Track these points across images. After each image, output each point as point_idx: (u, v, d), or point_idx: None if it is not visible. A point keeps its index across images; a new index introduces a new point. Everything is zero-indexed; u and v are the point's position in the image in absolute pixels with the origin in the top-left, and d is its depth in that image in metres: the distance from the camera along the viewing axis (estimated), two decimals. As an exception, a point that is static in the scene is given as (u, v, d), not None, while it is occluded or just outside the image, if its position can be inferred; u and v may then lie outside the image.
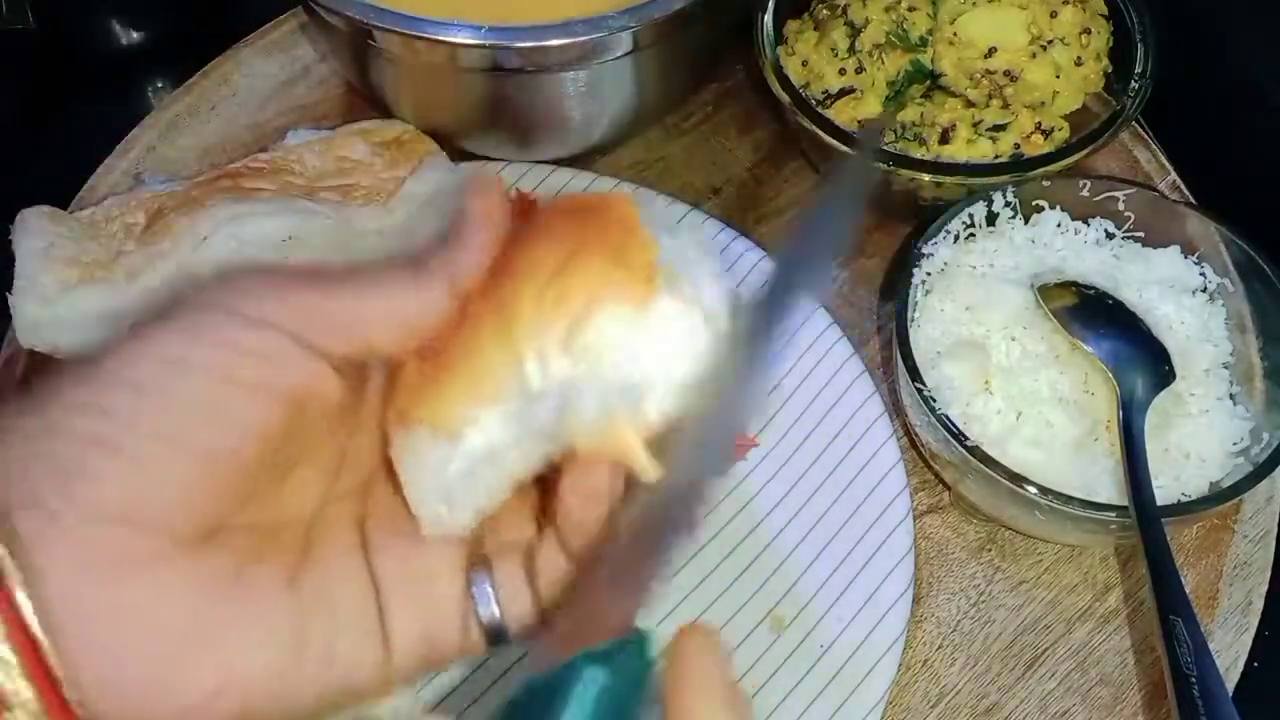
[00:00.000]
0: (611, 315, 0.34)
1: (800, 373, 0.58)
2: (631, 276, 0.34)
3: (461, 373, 0.35)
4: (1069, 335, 0.54)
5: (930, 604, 0.56)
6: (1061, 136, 0.61)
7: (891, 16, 0.62)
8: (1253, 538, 0.57)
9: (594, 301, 0.34)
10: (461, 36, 0.56)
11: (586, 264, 0.34)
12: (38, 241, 0.57)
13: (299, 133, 0.63)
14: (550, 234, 0.36)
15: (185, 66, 0.72)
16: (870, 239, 0.66)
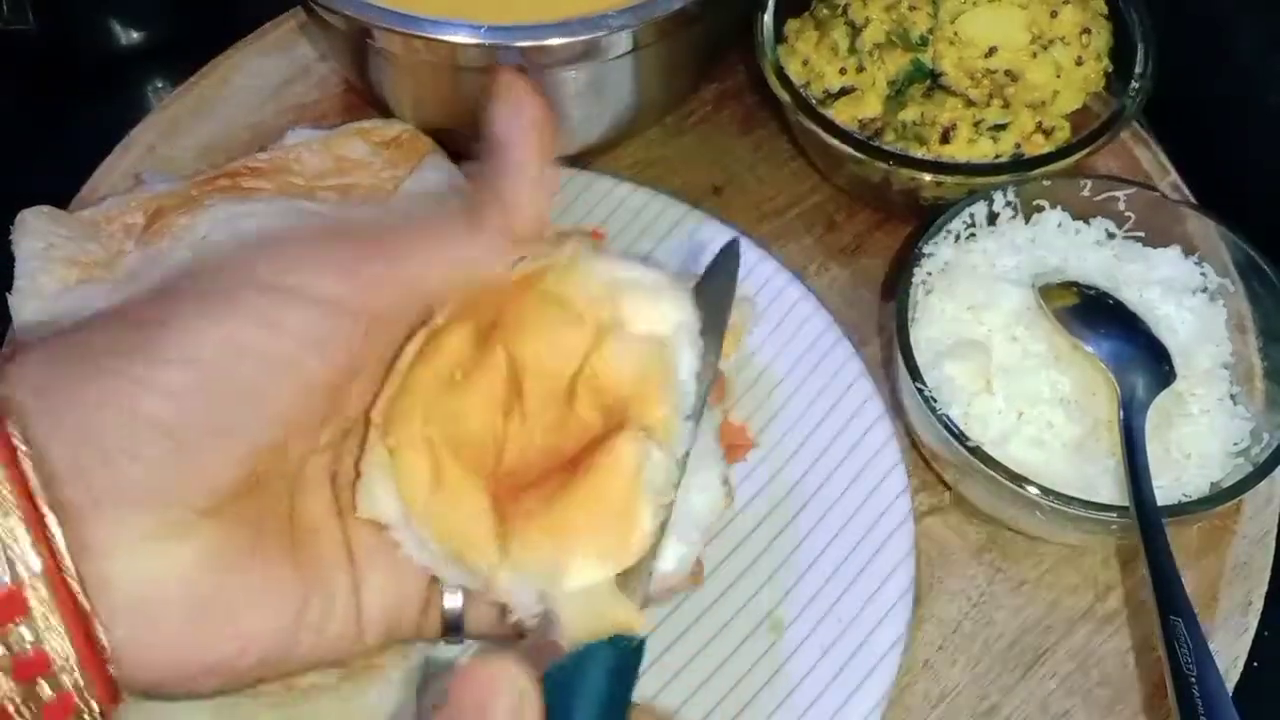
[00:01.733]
0: (600, 569, 0.36)
1: (801, 373, 0.58)
2: (624, 537, 0.36)
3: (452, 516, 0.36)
4: (1070, 335, 0.54)
5: (931, 605, 0.56)
6: (1062, 136, 0.61)
7: (892, 16, 0.62)
8: (1253, 538, 0.57)
9: (585, 552, 0.36)
10: (461, 35, 0.56)
11: (580, 513, 0.36)
12: (38, 241, 0.57)
13: (298, 132, 0.63)
14: (560, 446, 0.37)
15: (185, 66, 0.72)
16: (871, 239, 0.66)
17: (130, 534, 0.31)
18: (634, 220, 0.63)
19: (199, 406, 0.31)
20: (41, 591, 0.29)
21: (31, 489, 0.29)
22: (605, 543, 0.36)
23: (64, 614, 0.30)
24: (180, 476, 0.31)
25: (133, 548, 0.31)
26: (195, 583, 0.32)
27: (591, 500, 0.36)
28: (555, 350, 0.37)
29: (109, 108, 0.75)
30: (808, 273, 0.64)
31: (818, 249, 0.66)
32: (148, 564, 0.31)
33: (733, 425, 0.57)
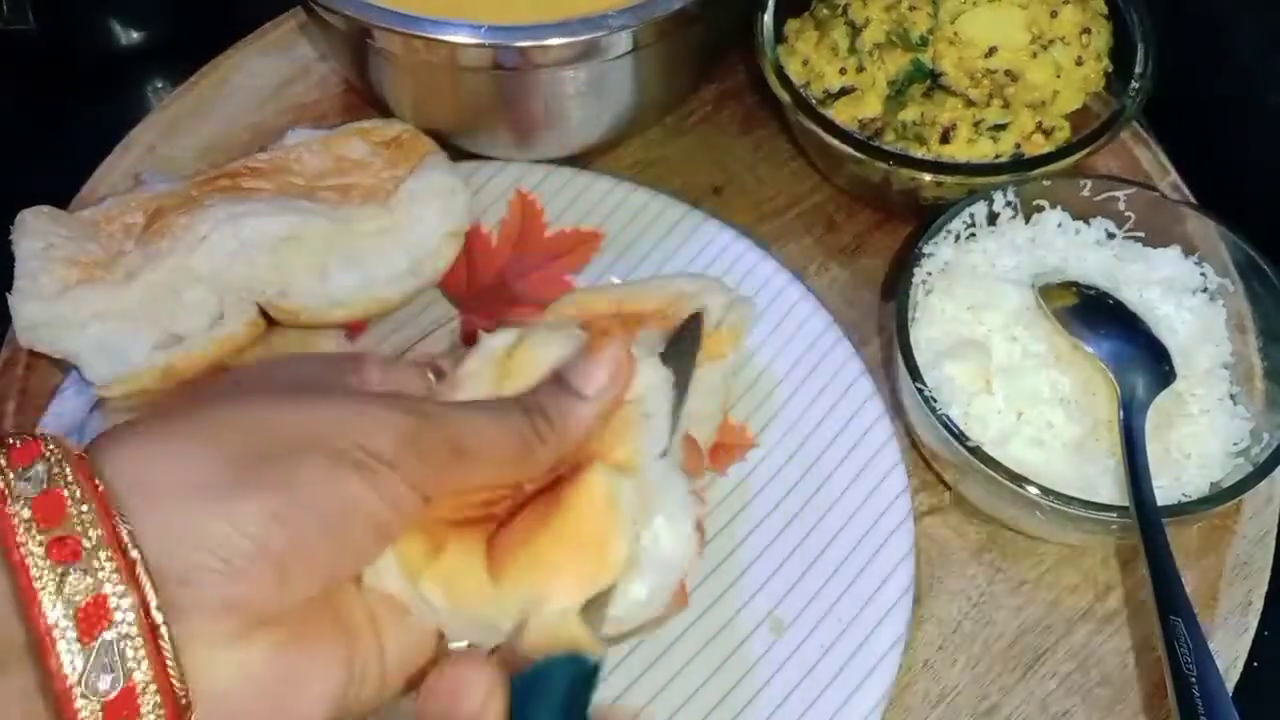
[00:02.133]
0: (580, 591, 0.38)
1: (801, 373, 0.58)
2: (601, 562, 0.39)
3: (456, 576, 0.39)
4: (1070, 335, 0.54)
5: (931, 605, 0.56)
6: (1062, 136, 0.61)
7: (892, 16, 0.62)
8: (1253, 538, 0.57)
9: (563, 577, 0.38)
10: (461, 35, 0.56)
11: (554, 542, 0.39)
12: (38, 241, 0.57)
13: (298, 132, 0.63)
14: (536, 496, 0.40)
15: (185, 66, 0.72)
16: (871, 239, 0.66)
17: (214, 635, 0.33)
18: (634, 220, 0.63)
19: (310, 546, 0.35)
20: (150, 696, 0.31)
21: (147, 600, 0.32)
22: (583, 569, 0.38)
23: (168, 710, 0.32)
24: (272, 596, 0.34)
25: (214, 646, 0.33)
26: (268, 674, 0.35)
27: (569, 531, 0.38)
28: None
29: (109, 108, 0.75)
30: (808, 273, 0.64)
31: (818, 249, 0.66)
32: (227, 661, 0.34)
33: (733, 425, 0.57)
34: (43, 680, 0.31)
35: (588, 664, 0.38)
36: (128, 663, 0.31)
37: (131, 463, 0.34)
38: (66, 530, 0.31)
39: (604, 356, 0.42)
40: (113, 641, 0.31)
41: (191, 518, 0.33)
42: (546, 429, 0.40)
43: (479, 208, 0.63)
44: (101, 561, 0.31)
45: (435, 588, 0.39)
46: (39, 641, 0.31)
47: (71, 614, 0.31)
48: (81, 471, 0.33)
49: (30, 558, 0.31)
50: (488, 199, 0.64)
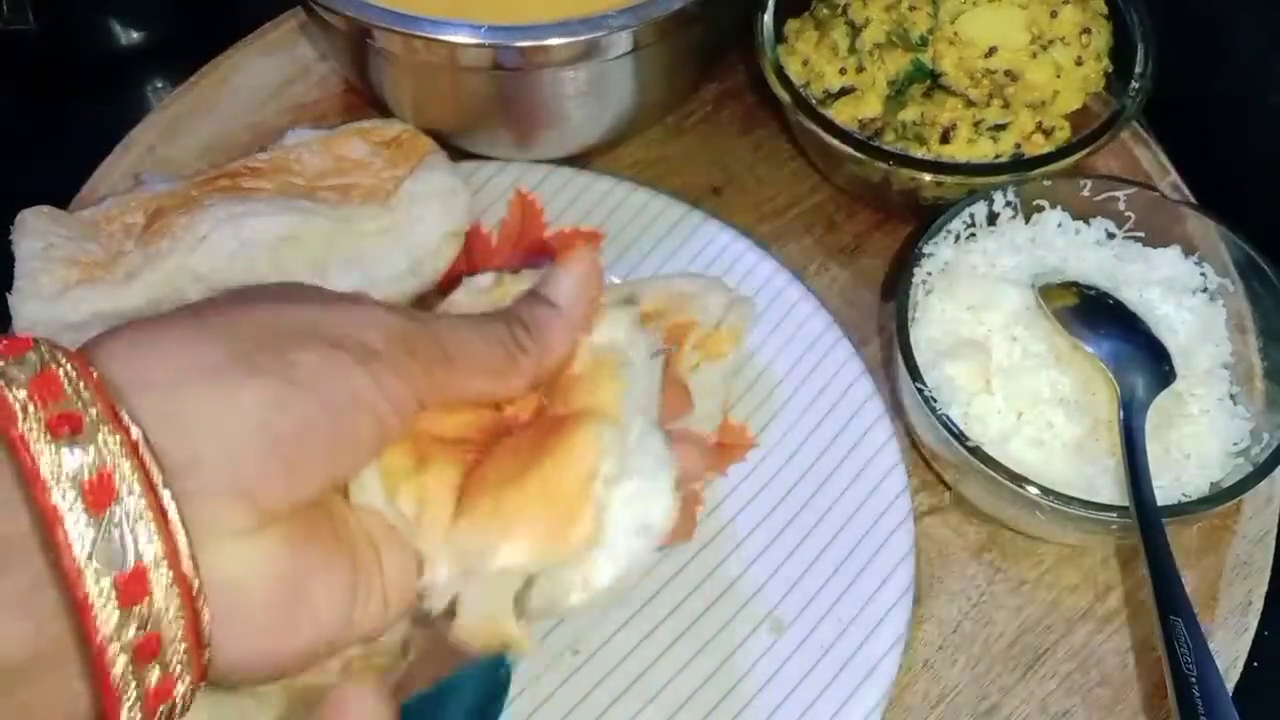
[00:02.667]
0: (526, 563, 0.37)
1: (801, 373, 0.58)
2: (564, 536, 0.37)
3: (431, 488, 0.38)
4: (1070, 335, 0.54)
5: (931, 605, 0.56)
6: (1062, 136, 0.61)
7: (892, 16, 0.62)
8: (1253, 538, 0.57)
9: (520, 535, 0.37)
10: (461, 35, 0.56)
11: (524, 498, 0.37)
12: (37, 241, 0.57)
13: (298, 132, 0.63)
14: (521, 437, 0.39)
15: (185, 66, 0.72)
16: (871, 239, 0.66)
17: (224, 526, 0.32)
18: (634, 220, 0.63)
19: (315, 434, 0.34)
20: (163, 575, 0.30)
21: (152, 478, 0.30)
22: (542, 531, 0.37)
23: (181, 600, 0.31)
24: (280, 487, 0.33)
25: (225, 538, 0.32)
26: (277, 571, 0.34)
27: (540, 485, 0.37)
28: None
29: (109, 108, 0.75)
30: (808, 273, 0.64)
31: (818, 249, 0.66)
32: (236, 554, 0.33)
33: (733, 425, 0.57)
34: (51, 567, 0.29)
35: (498, 676, 0.37)
36: (139, 540, 0.30)
37: (127, 352, 0.33)
38: (66, 406, 0.30)
39: (571, 264, 0.43)
40: (121, 518, 0.29)
41: (192, 402, 0.32)
42: (525, 337, 0.40)
43: (479, 208, 0.63)
44: (105, 436, 0.30)
45: (409, 503, 0.37)
46: (45, 520, 0.29)
47: (77, 489, 0.29)
48: (77, 359, 0.31)
49: (30, 434, 0.29)
50: (488, 199, 0.64)
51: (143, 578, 0.30)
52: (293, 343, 0.35)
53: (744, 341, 0.57)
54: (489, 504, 0.37)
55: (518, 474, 0.38)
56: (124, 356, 0.33)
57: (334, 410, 0.34)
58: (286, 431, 0.33)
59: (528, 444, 0.39)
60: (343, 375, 0.35)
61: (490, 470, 0.38)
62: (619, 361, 0.42)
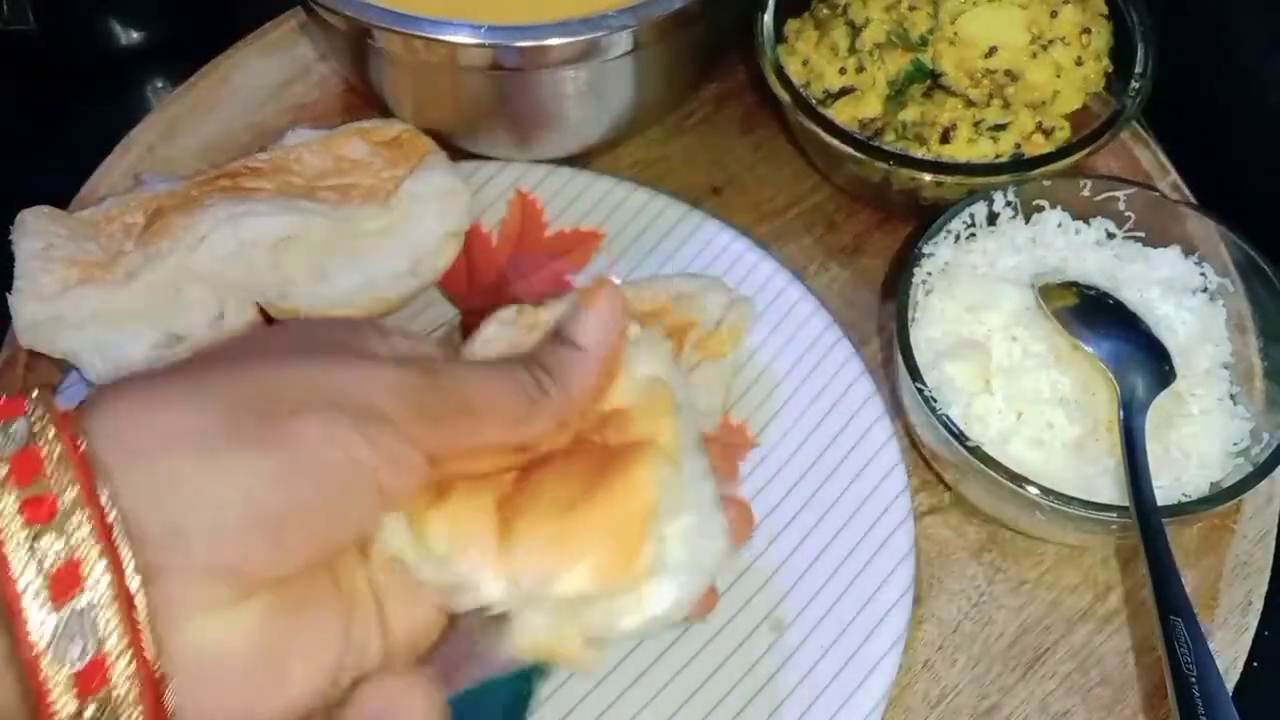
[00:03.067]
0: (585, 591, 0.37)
1: (801, 373, 0.58)
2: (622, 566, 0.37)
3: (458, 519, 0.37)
4: (1070, 335, 0.54)
5: (931, 604, 0.56)
6: (1062, 136, 0.61)
7: (892, 16, 0.62)
8: (1253, 538, 0.57)
9: (584, 563, 0.36)
10: (461, 35, 0.56)
11: (585, 526, 0.37)
12: (37, 241, 0.57)
13: (298, 132, 0.63)
14: (573, 464, 0.39)
15: (185, 66, 0.72)
16: (871, 239, 0.66)
17: (203, 600, 0.32)
18: (634, 220, 0.63)
19: (307, 507, 0.33)
20: (123, 664, 0.30)
21: (122, 565, 0.30)
22: (605, 560, 0.37)
23: (140, 685, 0.30)
24: (264, 562, 0.33)
25: (200, 613, 0.32)
26: (255, 644, 0.33)
27: (605, 514, 0.37)
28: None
29: (109, 108, 0.75)
30: (808, 273, 0.64)
31: (818, 249, 0.66)
32: (212, 628, 0.32)
33: (733, 425, 0.57)
34: (13, 648, 0.29)
35: (525, 687, 0.37)
36: (99, 631, 0.30)
37: (119, 418, 0.32)
38: (42, 489, 0.30)
39: (596, 304, 0.41)
40: (84, 608, 0.29)
41: (180, 474, 0.32)
42: (548, 382, 0.39)
43: (479, 208, 0.63)
44: (77, 523, 0.30)
45: (440, 538, 0.37)
46: (8, 606, 0.29)
47: (44, 577, 0.29)
48: (64, 429, 0.31)
49: (3, 517, 0.29)
50: (488, 199, 0.64)
51: (101, 667, 0.30)
52: (290, 409, 0.33)
53: (744, 341, 0.58)
54: (550, 530, 0.37)
55: (578, 501, 0.37)
56: (116, 421, 0.32)
57: (329, 484, 0.33)
58: (275, 508, 0.32)
59: (584, 470, 0.38)
60: (341, 447, 0.34)
61: (545, 496, 0.37)
62: (671, 396, 0.41)
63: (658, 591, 0.38)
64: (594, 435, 0.40)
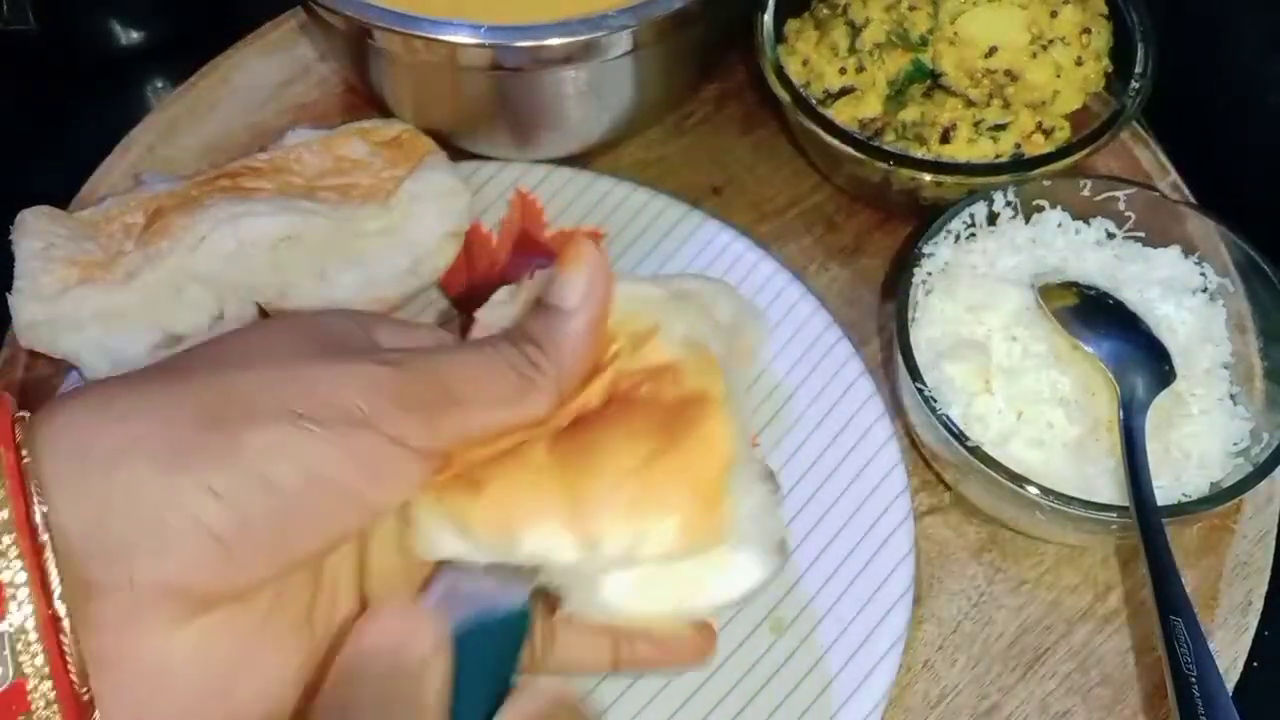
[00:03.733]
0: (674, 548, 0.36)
1: (801, 373, 0.58)
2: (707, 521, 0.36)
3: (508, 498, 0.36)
4: (1070, 335, 0.54)
5: (931, 604, 0.56)
6: (1062, 136, 0.61)
7: (892, 16, 0.62)
8: (1253, 538, 0.57)
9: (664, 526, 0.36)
10: (461, 35, 0.56)
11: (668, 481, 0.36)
12: (37, 242, 0.57)
13: (298, 132, 0.63)
14: (635, 420, 0.37)
15: (185, 66, 0.72)
16: (870, 239, 0.66)
17: (150, 616, 0.31)
18: (634, 220, 0.63)
19: (259, 523, 0.32)
20: (45, 689, 0.30)
21: (50, 589, 0.30)
22: (689, 515, 0.36)
23: (63, 707, 0.30)
24: (218, 578, 0.32)
25: (148, 628, 0.31)
26: (209, 658, 0.32)
27: (683, 470, 0.36)
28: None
29: (109, 108, 0.75)
30: (808, 273, 0.64)
31: (818, 249, 0.66)
32: (159, 644, 0.31)
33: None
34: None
35: (524, 616, 0.36)
36: (19, 656, 0.29)
37: (72, 429, 0.32)
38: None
39: (574, 261, 0.38)
40: (7, 633, 0.29)
41: (125, 489, 0.31)
42: (539, 355, 0.37)
43: (479, 208, 0.63)
44: (5, 546, 0.29)
45: (488, 517, 0.35)
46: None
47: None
48: (7, 445, 0.30)
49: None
50: (488, 199, 0.64)
51: (20, 693, 0.29)
52: (244, 418, 0.32)
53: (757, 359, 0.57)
54: (632, 490, 0.35)
55: (655, 458, 0.36)
56: (69, 432, 0.32)
57: (281, 498, 0.32)
58: (224, 523, 0.31)
59: (652, 427, 0.37)
60: (292, 458, 0.32)
61: (614, 457, 0.36)
62: (712, 353, 0.39)
63: (741, 562, 0.37)
64: (642, 390, 0.38)
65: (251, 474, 0.32)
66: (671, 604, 0.37)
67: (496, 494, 0.36)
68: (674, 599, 0.37)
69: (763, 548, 0.38)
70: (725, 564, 0.37)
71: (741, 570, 0.37)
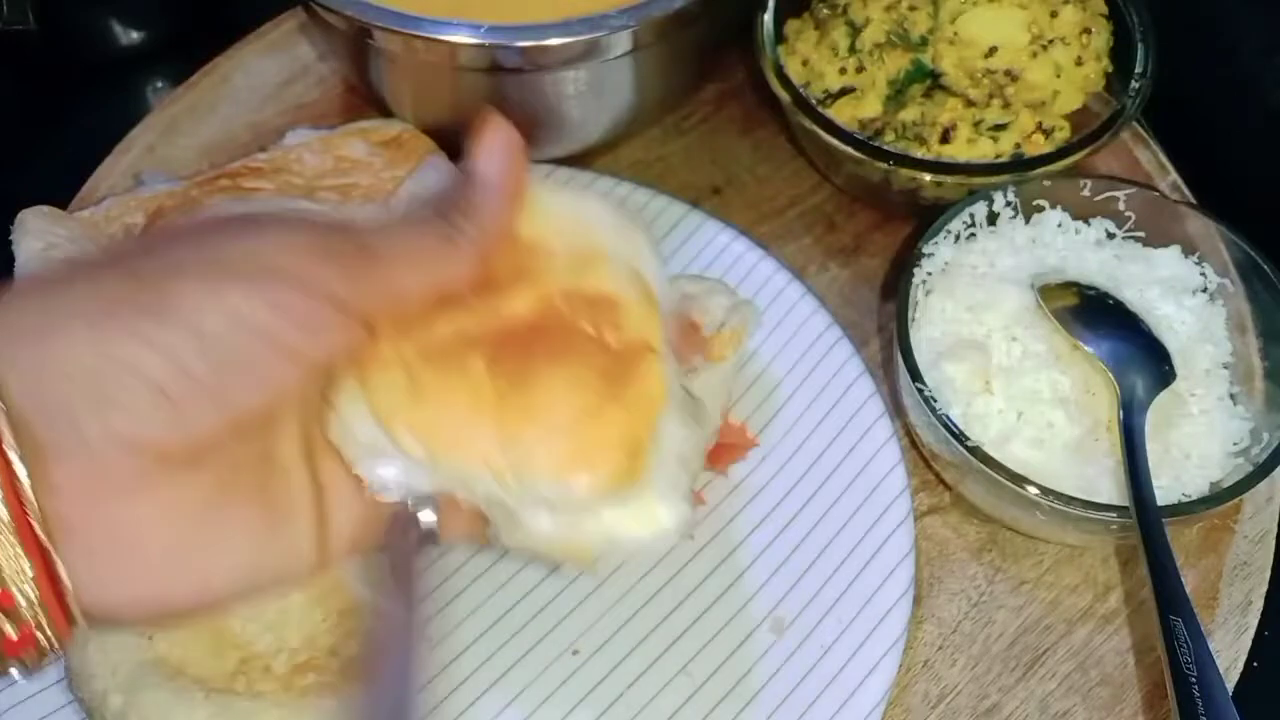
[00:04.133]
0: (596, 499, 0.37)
1: (801, 373, 0.59)
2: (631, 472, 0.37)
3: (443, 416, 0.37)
4: (1070, 335, 0.54)
5: (931, 604, 0.56)
6: (1062, 136, 0.61)
7: (892, 16, 0.62)
8: (1253, 538, 0.57)
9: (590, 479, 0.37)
10: (461, 35, 0.56)
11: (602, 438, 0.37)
12: (37, 242, 0.57)
13: (298, 132, 0.63)
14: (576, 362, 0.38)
15: (185, 66, 0.72)
16: (871, 239, 0.66)
17: (105, 477, 0.32)
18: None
19: (197, 370, 0.33)
20: (7, 535, 0.31)
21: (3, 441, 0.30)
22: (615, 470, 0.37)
23: (29, 556, 0.31)
24: (165, 430, 0.32)
25: (105, 491, 0.32)
26: (164, 526, 0.33)
27: (618, 423, 0.37)
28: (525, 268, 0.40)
29: (109, 108, 0.75)
30: (808, 273, 0.64)
31: (817, 249, 0.66)
32: (118, 507, 0.32)
33: (733, 425, 0.57)
34: None
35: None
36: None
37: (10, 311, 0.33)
38: None
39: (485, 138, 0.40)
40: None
41: (62, 349, 0.32)
42: (461, 219, 0.38)
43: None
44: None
45: (414, 442, 0.37)
46: None
47: None
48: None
49: None
50: (488, 199, 0.63)
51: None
52: (175, 275, 0.33)
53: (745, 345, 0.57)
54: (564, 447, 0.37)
55: (594, 410, 0.37)
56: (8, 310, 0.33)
57: (217, 344, 0.33)
58: (163, 372, 0.32)
59: (595, 378, 0.38)
60: (222, 306, 0.33)
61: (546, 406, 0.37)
62: (653, 292, 0.40)
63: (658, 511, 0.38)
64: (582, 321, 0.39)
65: (182, 324, 0.33)
66: (586, 543, 0.38)
67: (433, 406, 0.37)
68: (589, 539, 0.38)
69: (677, 496, 0.39)
70: (642, 512, 0.38)
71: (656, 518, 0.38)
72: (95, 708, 0.46)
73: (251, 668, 0.47)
